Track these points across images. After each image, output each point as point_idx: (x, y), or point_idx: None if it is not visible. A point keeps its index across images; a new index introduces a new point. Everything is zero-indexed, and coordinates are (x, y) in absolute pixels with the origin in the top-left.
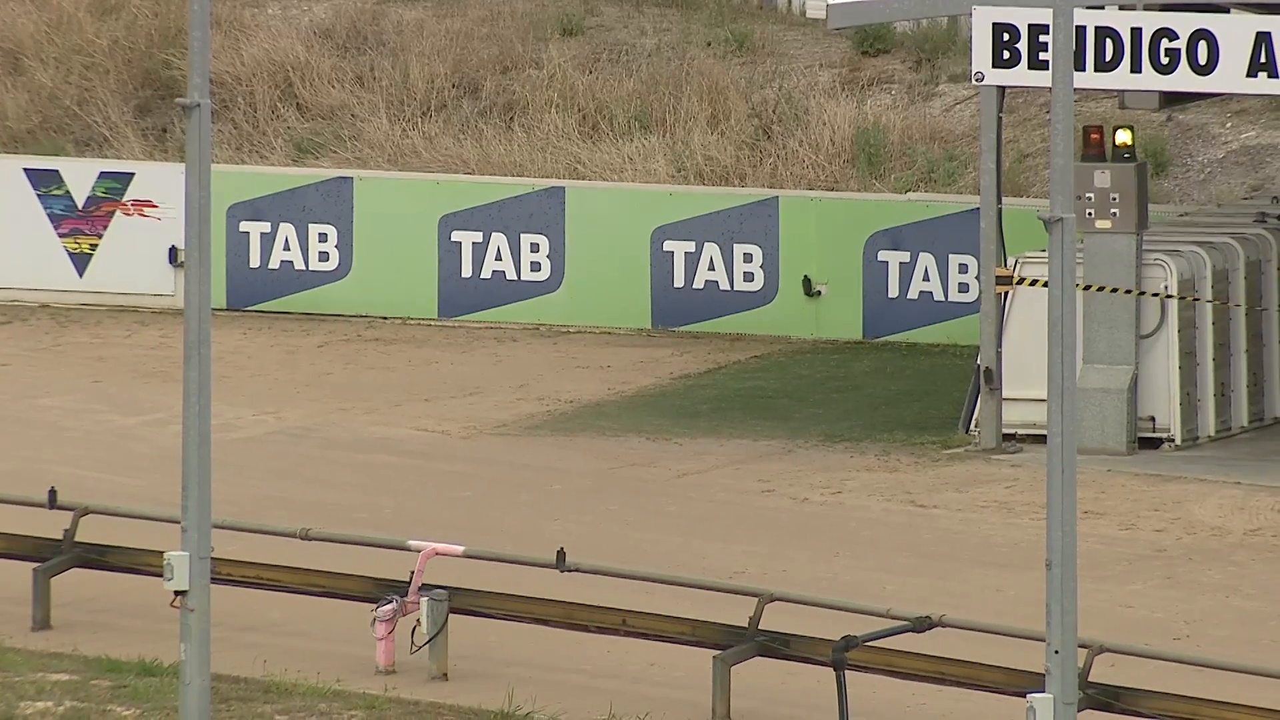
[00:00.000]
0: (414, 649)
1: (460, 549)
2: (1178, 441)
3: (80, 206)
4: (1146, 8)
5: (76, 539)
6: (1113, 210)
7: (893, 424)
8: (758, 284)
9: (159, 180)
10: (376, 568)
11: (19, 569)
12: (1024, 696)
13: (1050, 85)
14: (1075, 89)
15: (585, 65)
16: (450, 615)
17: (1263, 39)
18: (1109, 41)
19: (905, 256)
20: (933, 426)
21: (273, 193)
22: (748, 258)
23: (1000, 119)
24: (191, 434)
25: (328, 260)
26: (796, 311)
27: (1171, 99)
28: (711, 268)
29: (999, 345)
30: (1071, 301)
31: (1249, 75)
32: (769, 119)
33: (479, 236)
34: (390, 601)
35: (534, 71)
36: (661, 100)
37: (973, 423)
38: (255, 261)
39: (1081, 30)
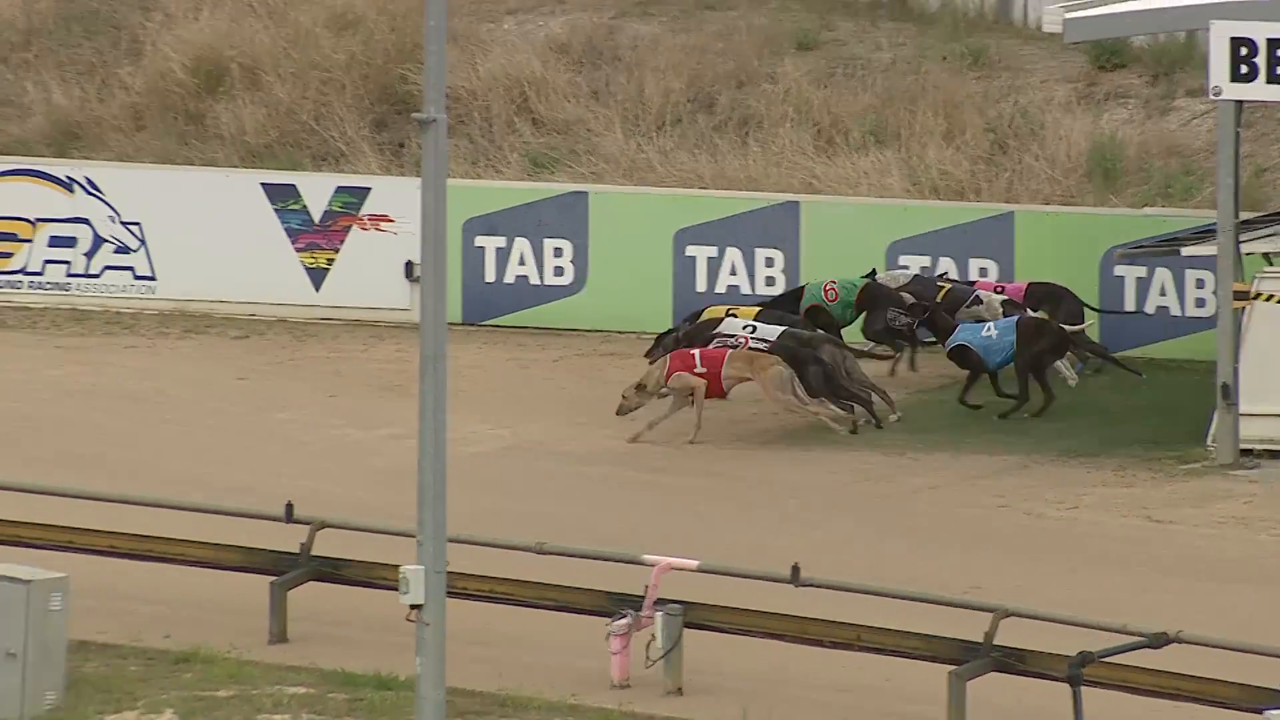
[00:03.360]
0: (648, 663)
1: (695, 563)
2: None
3: (317, 221)
4: None
5: (313, 553)
6: None
7: (1129, 439)
8: None
9: (395, 195)
10: (611, 582)
11: (256, 582)
12: (1260, 713)
13: None
14: None
15: (820, 80)
16: (685, 630)
17: None
18: None
19: (1141, 271)
20: (1169, 442)
21: (508, 207)
22: (983, 272)
23: (1238, 134)
24: (427, 448)
25: (563, 275)
26: None
27: None
28: None
29: (1236, 361)
30: None
31: None
32: (1004, 133)
33: (714, 251)
34: (625, 616)
35: (769, 86)
36: (896, 114)
37: (1209, 438)
38: (491, 276)
39: None
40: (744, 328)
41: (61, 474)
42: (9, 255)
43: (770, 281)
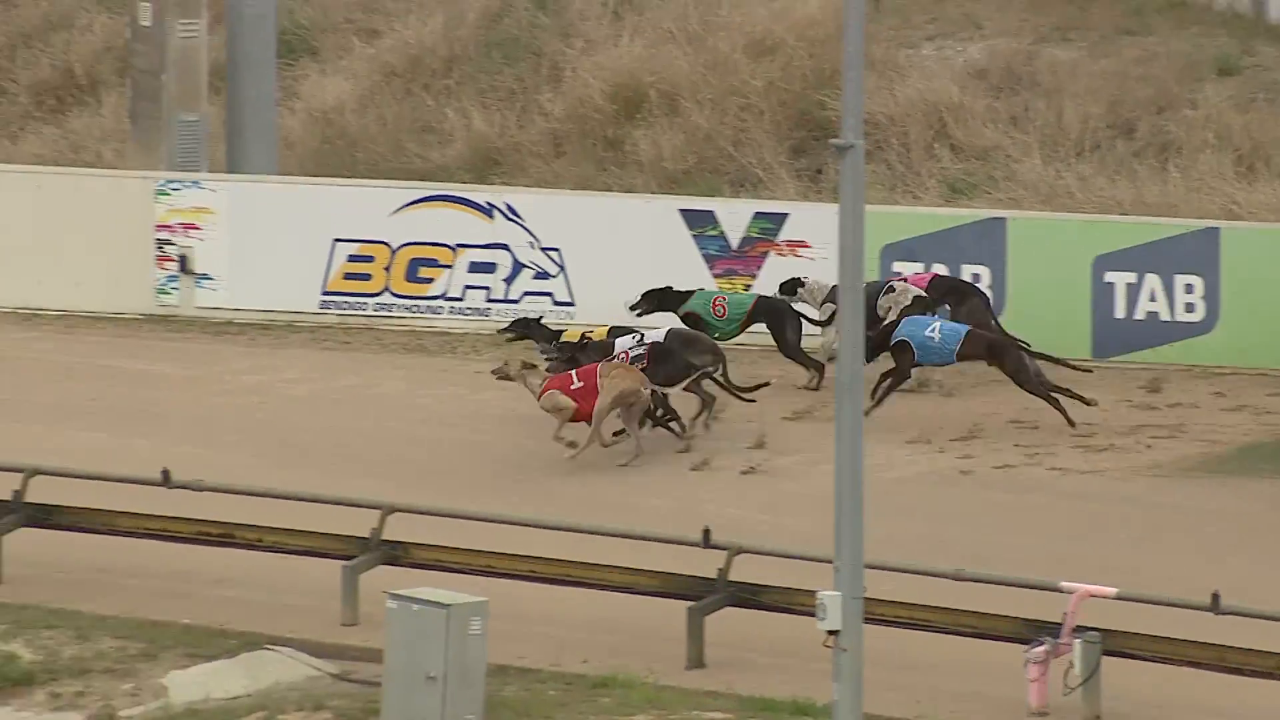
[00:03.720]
0: (1067, 691)
1: (1113, 591)
2: None
3: (735, 247)
4: None
5: (730, 578)
6: None
7: None
8: None
9: (812, 221)
10: (1028, 609)
11: (673, 608)
12: None
13: None
14: None
15: (1242, 105)
16: (1103, 657)
17: None
18: None
19: None
20: None
21: (926, 233)
22: None
23: None
24: (844, 473)
25: None
26: None
27: None
28: None
29: None
30: None
31: None
32: None
33: (1133, 277)
34: (1042, 643)
35: (1189, 112)
36: None
37: None
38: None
39: None
40: (632, 338)
41: (480, 498)
42: (430, 281)
43: (1189, 308)
